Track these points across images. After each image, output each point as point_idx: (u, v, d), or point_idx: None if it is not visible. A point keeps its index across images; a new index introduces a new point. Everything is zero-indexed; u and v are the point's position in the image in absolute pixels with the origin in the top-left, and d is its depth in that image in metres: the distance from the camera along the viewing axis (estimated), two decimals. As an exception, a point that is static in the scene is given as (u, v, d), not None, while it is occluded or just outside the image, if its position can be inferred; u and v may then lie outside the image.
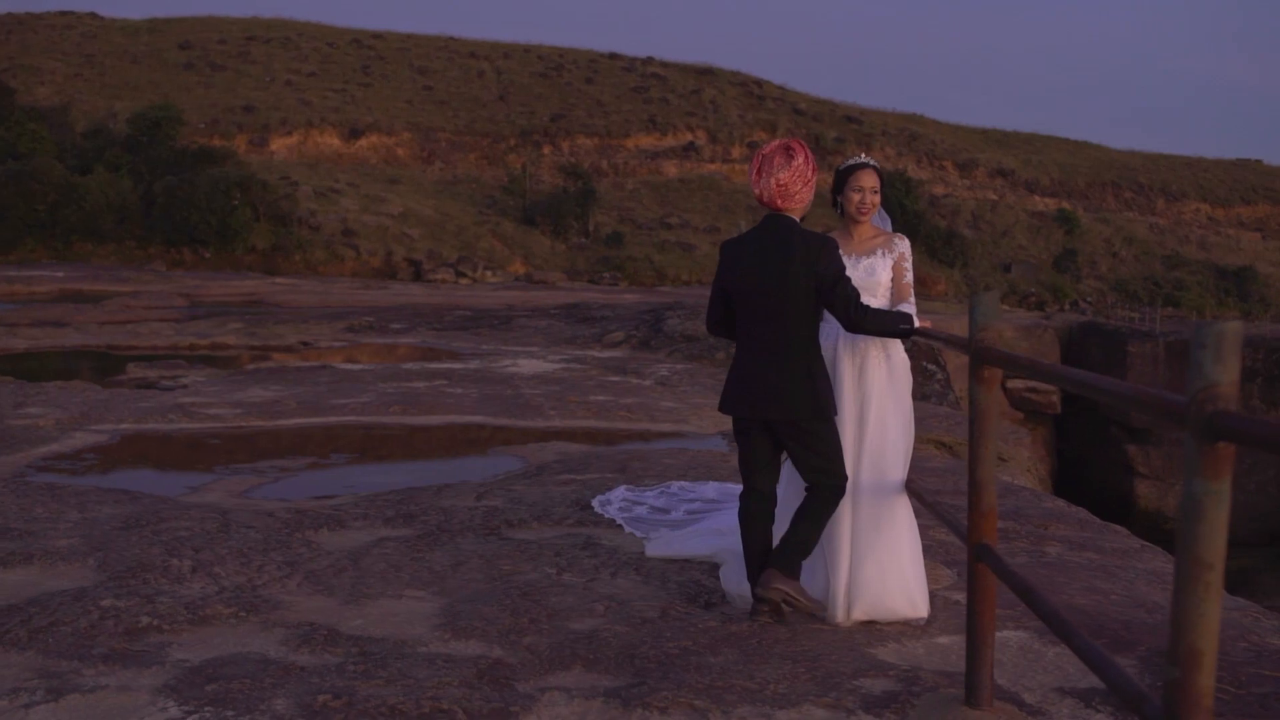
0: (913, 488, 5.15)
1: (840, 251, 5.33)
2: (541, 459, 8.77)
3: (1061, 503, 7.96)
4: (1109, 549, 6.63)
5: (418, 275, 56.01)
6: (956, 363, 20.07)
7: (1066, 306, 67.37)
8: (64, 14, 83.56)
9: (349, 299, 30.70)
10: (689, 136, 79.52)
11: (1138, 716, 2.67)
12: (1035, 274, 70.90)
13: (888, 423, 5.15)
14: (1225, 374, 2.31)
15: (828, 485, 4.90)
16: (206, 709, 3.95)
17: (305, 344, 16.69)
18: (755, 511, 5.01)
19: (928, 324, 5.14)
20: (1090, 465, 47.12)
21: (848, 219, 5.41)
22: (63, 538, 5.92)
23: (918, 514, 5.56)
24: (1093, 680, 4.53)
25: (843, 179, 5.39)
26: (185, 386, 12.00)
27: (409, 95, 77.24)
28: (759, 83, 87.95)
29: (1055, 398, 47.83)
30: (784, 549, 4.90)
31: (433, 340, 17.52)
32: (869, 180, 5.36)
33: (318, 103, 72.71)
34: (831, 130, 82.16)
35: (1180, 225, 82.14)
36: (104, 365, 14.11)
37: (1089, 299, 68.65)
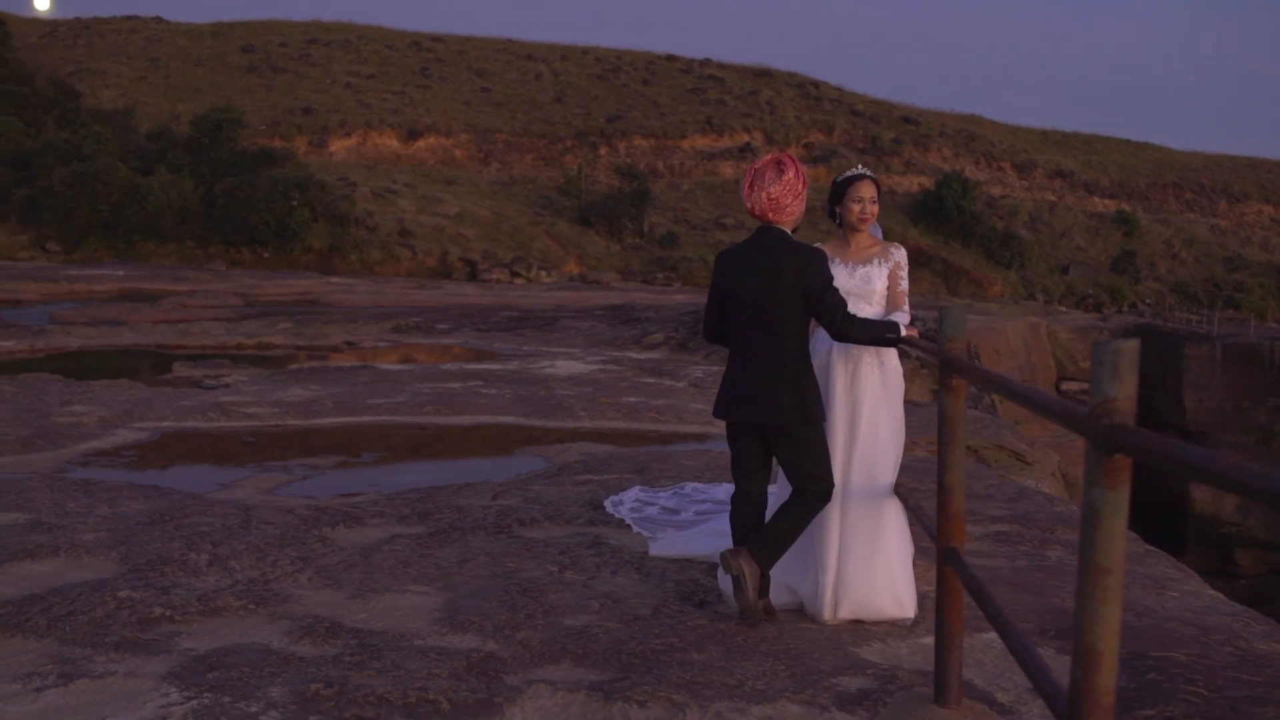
0: (898, 491, 5.26)
1: (837, 260, 5.48)
2: (565, 459, 8.95)
3: (1074, 507, 8.01)
4: None
5: (473, 275, 56.48)
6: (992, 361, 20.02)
7: (1125, 308, 66.67)
8: (130, 18, 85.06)
9: (401, 299, 31.06)
10: (745, 138, 79.50)
11: (1053, 713, 2.80)
12: (1093, 275, 70.19)
13: (879, 428, 5.27)
14: (1122, 390, 2.42)
15: (814, 490, 5.03)
16: (205, 695, 4.16)
17: (350, 344, 17.00)
18: (744, 514, 5.15)
19: (914, 333, 5.25)
20: (1145, 469, 46.67)
21: (847, 228, 5.52)
22: (90, 531, 6.17)
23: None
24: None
25: (841, 190, 5.51)
26: (228, 386, 12.31)
27: (467, 97, 77.84)
28: (816, 84, 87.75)
29: (1111, 401, 47.42)
30: (760, 535, 5.02)
31: (476, 341, 17.76)
32: (868, 191, 5.48)
33: (376, 104, 73.48)
34: (889, 131, 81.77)
35: (1242, 227, 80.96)
36: (152, 364, 14.46)
37: (1147, 301, 67.88)
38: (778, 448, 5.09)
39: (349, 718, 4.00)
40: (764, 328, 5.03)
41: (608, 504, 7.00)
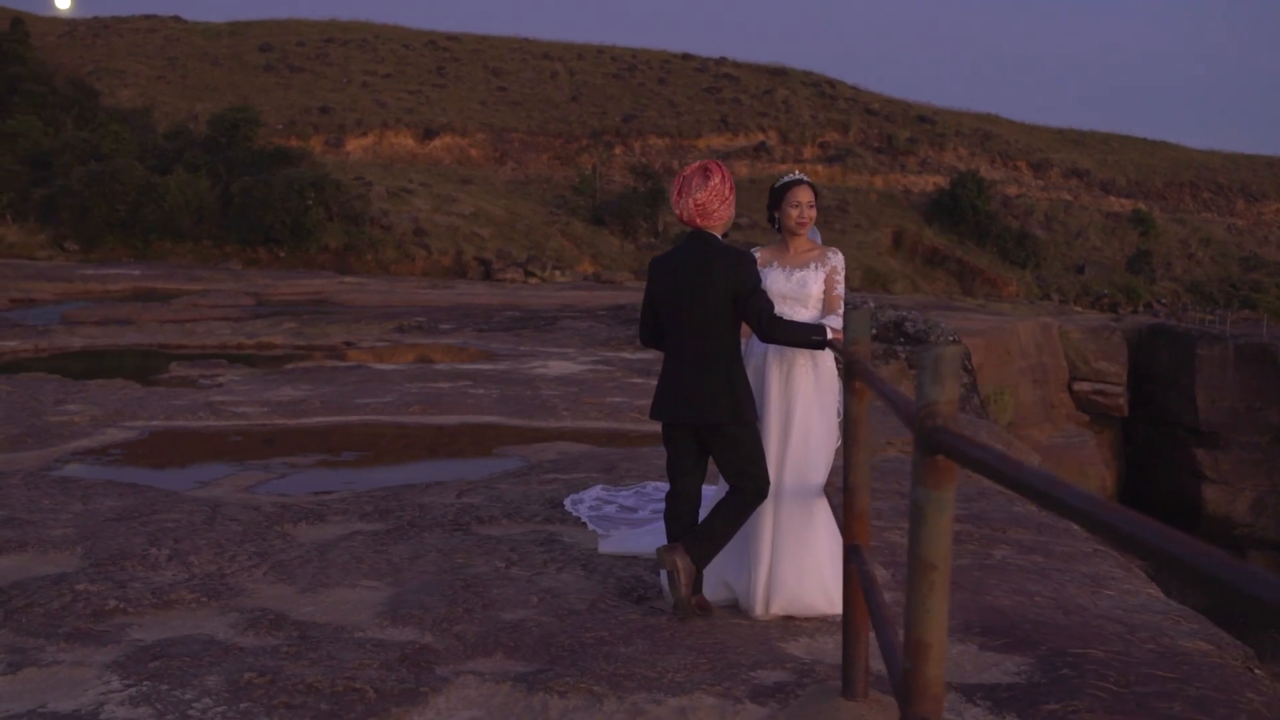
0: (826, 490, 5.43)
1: (775, 264, 5.65)
2: (540, 458, 9.13)
3: (1033, 508, 8.14)
4: (1058, 553, 6.84)
5: (487, 274, 56.72)
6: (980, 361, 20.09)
7: (1140, 308, 66.51)
8: (148, 18, 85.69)
9: (411, 298, 31.28)
10: (760, 137, 79.56)
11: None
12: (1109, 275, 70.03)
13: (811, 429, 5.43)
14: (943, 394, 2.58)
15: (750, 489, 5.20)
16: (145, 683, 4.36)
17: (349, 344, 17.22)
18: (679, 512, 5.32)
19: (839, 337, 5.40)
20: (1157, 469, 46.63)
21: (785, 232, 5.68)
22: (59, 527, 6.38)
23: (876, 516, 5.80)
24: (984, 677, 4.78)
25: (779, 195, 5.67)
26: (220, 385, 12.53)
27: (483, 96, 78.14)
28: (831, 83, 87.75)
29: (1122, 400, 47.36)
30: (696, 532, 5.19)
31: (474, 341, 17.96)
32: (805, 196, 5.64)
33: (393, 104, 73.84)
34: (904, 130, 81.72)
35: (1260, 226, 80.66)
36: (151, 364, 14.70)
37: (1163, 300, 67.69)
38: (713, 447, 5.25)
39: (277, 705, 4.20)
40: (695, 330, 5.20)
41: (567, 502, 7.18)
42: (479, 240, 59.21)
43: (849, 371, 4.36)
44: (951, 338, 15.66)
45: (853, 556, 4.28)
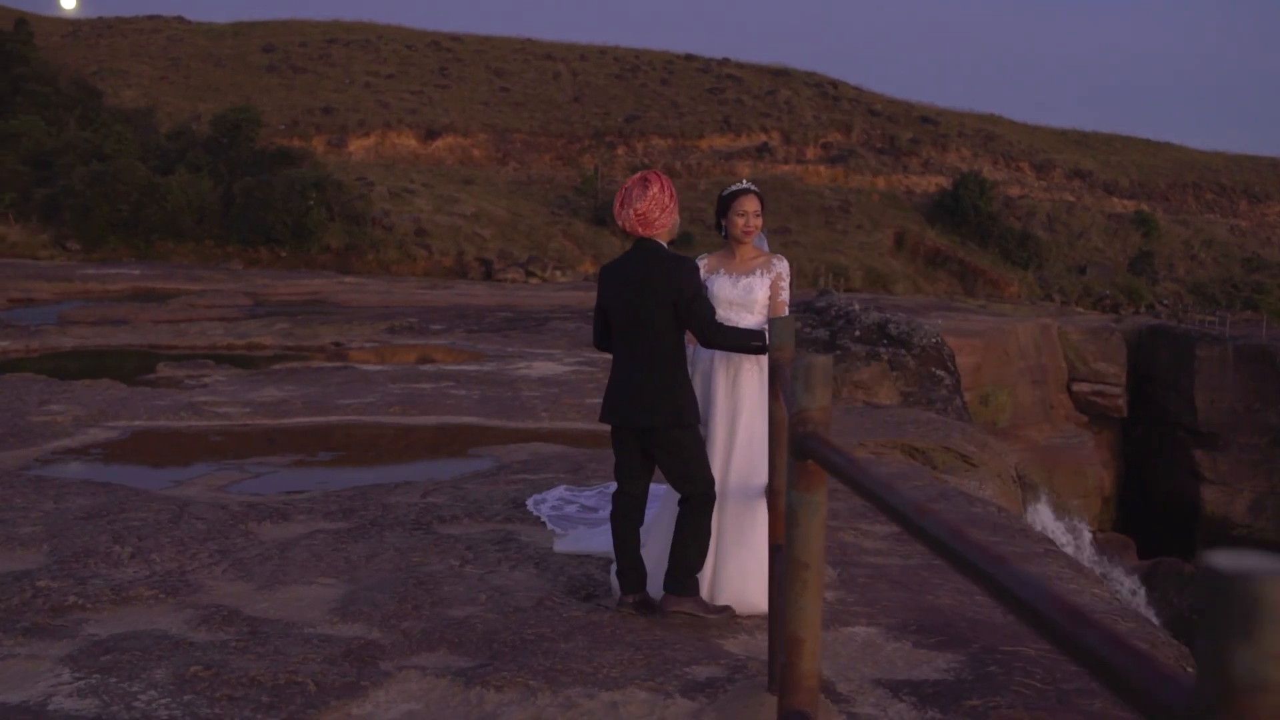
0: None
1: (721, 270, 5.78)
2: (512, 459, 9.27)
3: (993, 508, 8.29)
4: (1008, 553, 6.98)
5: (488, 275, 56.88)
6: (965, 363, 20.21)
7: (1142, 309, 66.53)
8: (152, 18, 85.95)
9: (409, 299, 31.43)
10: (763, 137, 79.63)
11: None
12: (1111, 276, 70.06)
13: (756, 433, 5.56)
14: (814, 401, 2.72)
15: (697, 495, 5.31)
16: (94, 676, 4.51)
17: (337, 344, 17.36)
18: (624, 512, 5.46)
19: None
20: (1156, 469, 46.69)
21: (732, 240, 5.81)
22: (28, 525, 6.53)
23: (832, 516, 5.91)
24: (913, 673, 4.92)
25: (726, 203, 5.80)
26: (206, 386, 12.69)
27: (485, 97, 78.30)
28: (834, 83, 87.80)
29: (1121, 401, 47.40)
30: (672, 571, 5.31)
31: (462, 342, 18.10)
32: (751, 205, 5.77)
33: (395, 104, 74.01)
34: (907, 131, 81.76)
35: (1263, 227, 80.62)
36: (140, 364, 14.85)
37: (1165, 302, 67.72)
38: (656, 451, 5.39)
39: (219, 697, 4.34)
40: (639, 335, 5.34)
41: (529, 502, 7.32)
42: (480, 240, 59.37)
43: (770, 376, 4.50)
44: (934, 338, 15.79)
45: (775, 556, 4.41)
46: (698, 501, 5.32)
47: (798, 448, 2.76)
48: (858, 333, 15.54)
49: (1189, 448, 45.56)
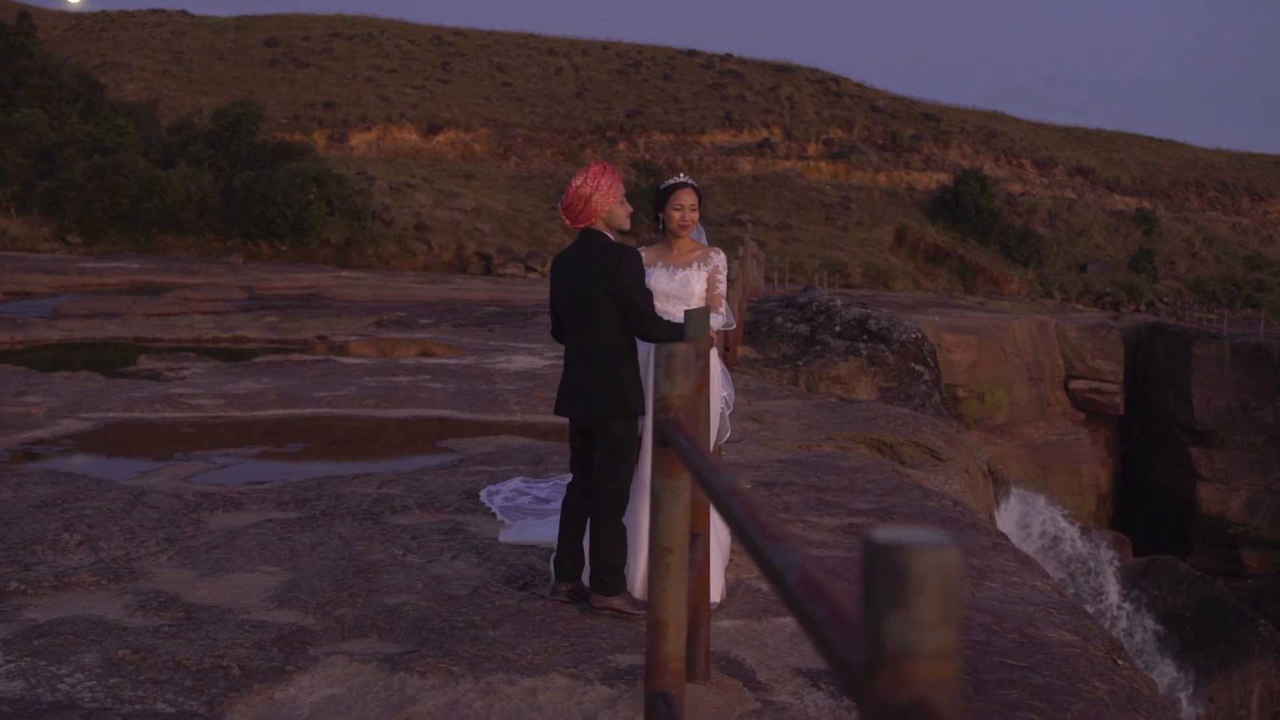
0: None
1: (659, 263, 5.85)
2: (476, 451, 9.34)
3: (949, 502, 8.35)
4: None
5: (488, 269, 56.96)
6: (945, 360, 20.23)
7: (1143, 307, 66.50)
8: (155, 12, 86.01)
9: (405, 294, 31.51)
10: (765, 133, 79.58)
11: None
12: (1111, 273, 70.01)
13: (691, 424, 5.63)
14: (675, 389, 2.79)
15: (611, 492, 5.31)
16: (25, 659, 4.60)
17: (322, 338, 17.45)
18: (573, 503, 5.53)
19: (716, 337, 5.61)
20: (1153, 467, 46.72)
21: (669, 234, 5.88)
22: (-18, 514, 6.61)
23: (785, 509, 5.95)
24: (836, 660, 4.99)
25: (664, 197, 5.87)
26: (184, 378, 12.77)
27: (488, 92, 78.31)
28: (837, 80, 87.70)
29: (1119, 399, 47.40)
30: (596, 573, 5.36)
31: (447, 336, 18.17)
32: (688, 199, 5.84)
33: (397, 99, 74.06)
34: (908, 128, 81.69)
35: (1265, 225, 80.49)
36: (123, 356, 14.93)
37: (1165, 299, 67.68)
38: (595, 441, 5.45)
39: (144, 680, 4.43)
40: (584, 327, 5.42)
41: (483, 494, 7.39)
42: (480, 236, 59.43)
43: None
44: (915, 334, 15.84)
45: (693, 544, 4.49)
46: (609, 499, 5.31)
47: (659, 434, 2.83)
48: (838, 328, 15.61)
49: (1185, 445, 45.58)
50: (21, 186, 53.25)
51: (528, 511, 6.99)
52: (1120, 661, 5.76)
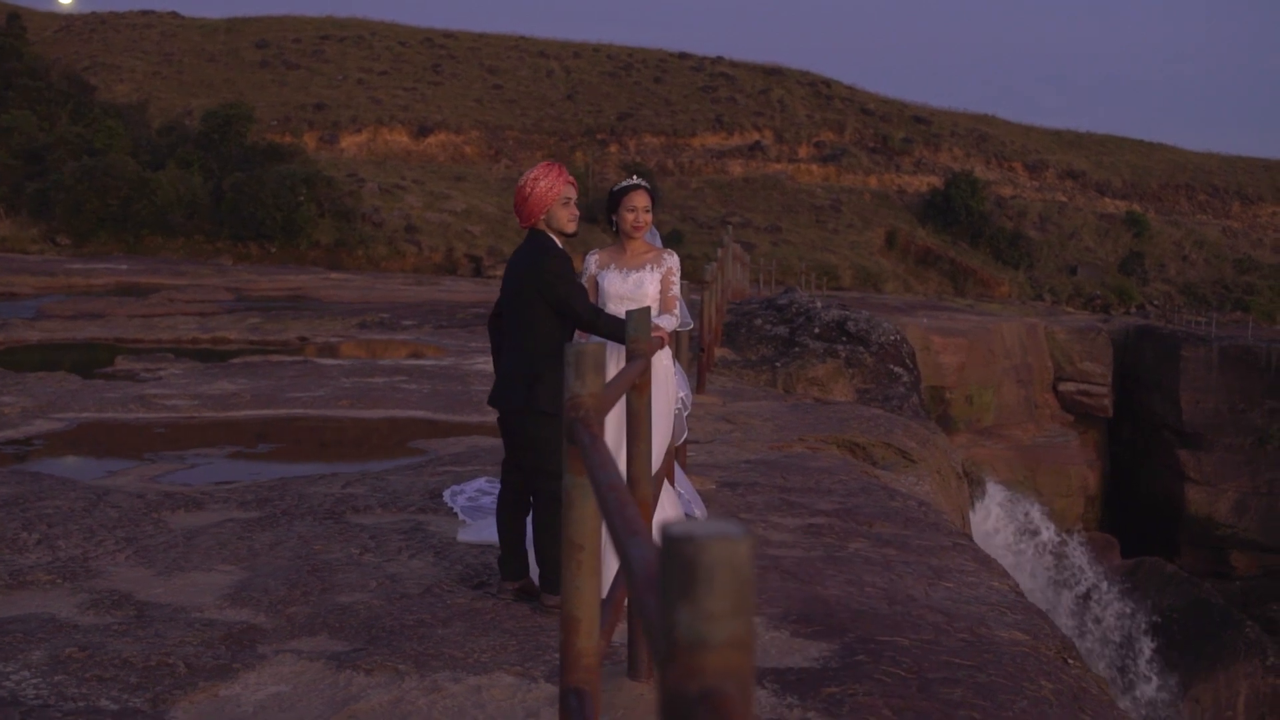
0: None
1: (612, 265, 5.89)
2: (446, 451, 9.37)
3: (913, 502, 8.38)
4: (915, 546, 7.07)
5: (478, 271, 57.00)
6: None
7: (1133, 310, 66.65)
8: (145, 13, 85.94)
9: (391, 295, 31.52)
10: (755, 136, 79.66)
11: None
12: (1101, 276, 70.16)
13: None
14: (585, 387, 2.83)
15: (546, 491, 5.32)
16: (-28, 658, 4.61)
17: (303, 339, 17.46)
18: (507, 499, 5.56)
19: (664, 336, 5.64)
20: (1141, 469, 46.81)
21: (622, 236, 5.92)
22: (-58, 513, 6.63)
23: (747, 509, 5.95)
24: (782, 661, 5.02)
25: (616, 199, 5.91)
26: (160, 379, 12.78)
27: (478, 94, 78.33)
28: (827, 82, 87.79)
29: (1107, 401, 47.49)
30: (544, 573, 5.38)
31: (427, 337, 18.20)
32: (641, 201, 5.87)
33: (388, 101, 74.06)
34: (899, 131, 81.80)
35: (1255, 229, 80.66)
36: (101, 357, 14.94)
37: (1155, 302, 67.84)
38: (515, 438, 5.46)
39: (88, 678, 4.45)
40: (517, 324, 5.49)
41: (446, 494, 7.42)
42: (470, 237, 59.45)
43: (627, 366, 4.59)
44: (894, 336, 15.89)
45: (633, 543, 4.53)
46: (546, 498, 5.31)
47: (569, 432, 2.86)
48: (817, 330, 15.65)
49: (1173, 448, 45.67)
50: (10, 188, 53.20)
51: (489, 511, 7.01)
52: (1071, 661, 5.79)
